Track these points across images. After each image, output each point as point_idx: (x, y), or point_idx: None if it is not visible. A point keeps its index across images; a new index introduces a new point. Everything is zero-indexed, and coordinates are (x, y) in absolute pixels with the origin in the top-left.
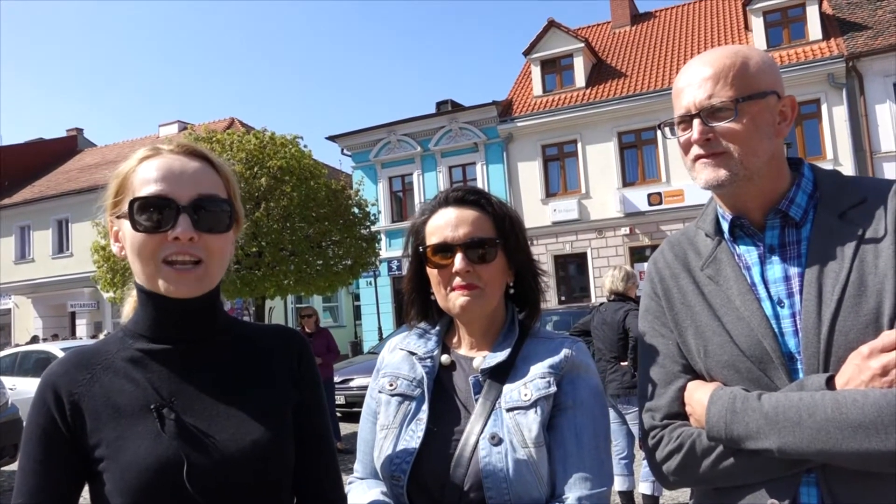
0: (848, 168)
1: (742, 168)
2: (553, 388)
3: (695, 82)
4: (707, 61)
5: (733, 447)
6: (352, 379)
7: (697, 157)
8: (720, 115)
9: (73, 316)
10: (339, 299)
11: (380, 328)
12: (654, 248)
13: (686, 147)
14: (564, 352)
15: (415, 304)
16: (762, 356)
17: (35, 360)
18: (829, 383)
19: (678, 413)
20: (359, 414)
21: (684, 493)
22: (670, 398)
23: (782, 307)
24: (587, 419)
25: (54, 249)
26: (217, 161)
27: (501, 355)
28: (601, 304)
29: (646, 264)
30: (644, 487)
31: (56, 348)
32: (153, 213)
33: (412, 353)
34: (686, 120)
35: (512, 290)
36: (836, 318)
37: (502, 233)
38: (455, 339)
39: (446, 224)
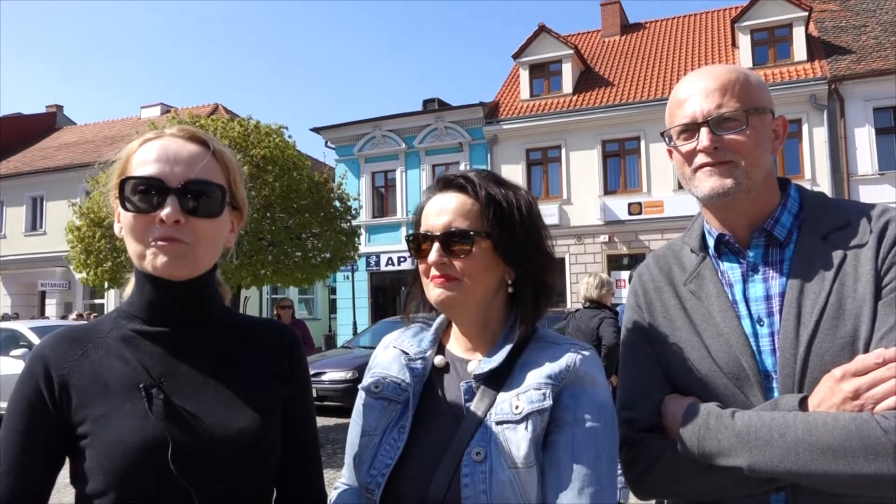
0: (825, 189)
1: (746, 179)
2: (548, 402)
3: (700, 93)
4: (710, 75)
5: (706, 463)
6: (324, 373)
7: (702, 166)
8: (728, 124)
9: (42, 295)
10: (315, 292)
11: (355, 323)
12: (632, 256)
13: (689, 156)
14: (567, 360)
15: (417, 295)
16: (739, 373)
17: (1, 339)
18: (802, 404)
19: (655, 425)
20: (329, 408)
21: (649, 502)
22: (647, 411)
23: (762, 326)
24: (588, 439)
25: (27, 227)
26: (217, 147)
27: (496, 360)
28: (577, 310)
29: (623, 273)
30: None
31: (24, 327)
32: (143, 194)
33: (404, 353)
34: (690, 129)
35: (511, 290)
36: (814, 339)
37: (489, 222)
38: (451, 338)
39: (432, 212)
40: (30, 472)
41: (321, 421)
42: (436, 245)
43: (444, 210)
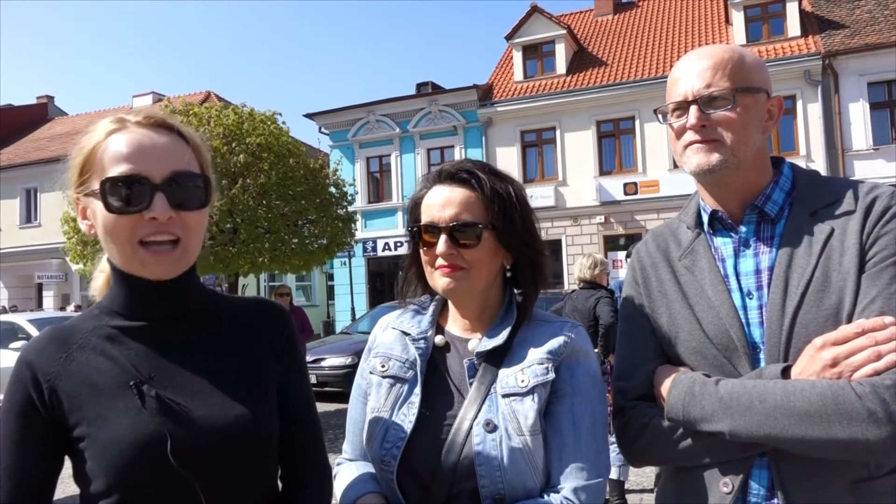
0: (819, 165)
1: (732, 156)
2: (551, 376)
3: (692, 72)
4: (705, 54)
5: (690, 429)
6: (324, 359)
7: (690, 143)
8: (717, 103)
9: (39, 287)
10: (312, 278)
11: (353, 308)
12: (628, 237)
13: (679, 133)
14: (563, 337)
15: (413, 281)
16: (728, 344)
17: (1, 332)
18: (785, 372)
19: (647, 395)
20: (330, 394)
21: (649, 479)
22: (640, 381)
23: (751, 299)
24: (585, 407)
25: (22, 219)
26: (186, 132)
27: (498, 339)
28: (573, 291)
29: (619, 253)
30: (611, 472)
31: (23, 319)
32: (127, 193)
33: (405, 333)
34: (682, 107)
35: (509, 273)
36: (799, 311)
37: (493, 214)
38: (449, 319)
39: (435, 204)
40: (29, 476)
41: (322, 406)
42: (443, 237)
43: (450, 202)
